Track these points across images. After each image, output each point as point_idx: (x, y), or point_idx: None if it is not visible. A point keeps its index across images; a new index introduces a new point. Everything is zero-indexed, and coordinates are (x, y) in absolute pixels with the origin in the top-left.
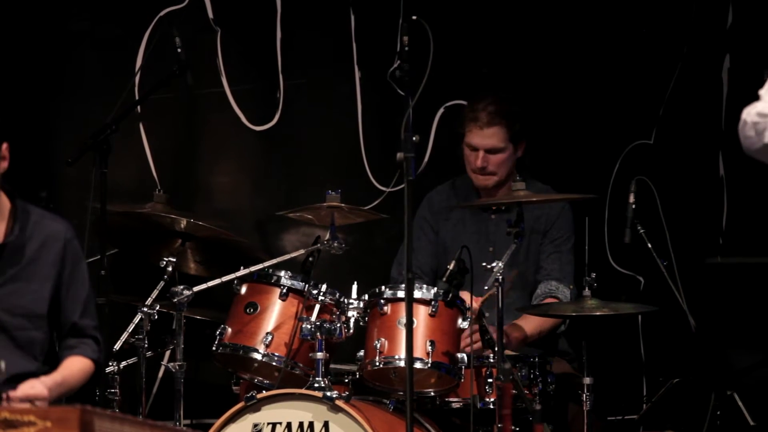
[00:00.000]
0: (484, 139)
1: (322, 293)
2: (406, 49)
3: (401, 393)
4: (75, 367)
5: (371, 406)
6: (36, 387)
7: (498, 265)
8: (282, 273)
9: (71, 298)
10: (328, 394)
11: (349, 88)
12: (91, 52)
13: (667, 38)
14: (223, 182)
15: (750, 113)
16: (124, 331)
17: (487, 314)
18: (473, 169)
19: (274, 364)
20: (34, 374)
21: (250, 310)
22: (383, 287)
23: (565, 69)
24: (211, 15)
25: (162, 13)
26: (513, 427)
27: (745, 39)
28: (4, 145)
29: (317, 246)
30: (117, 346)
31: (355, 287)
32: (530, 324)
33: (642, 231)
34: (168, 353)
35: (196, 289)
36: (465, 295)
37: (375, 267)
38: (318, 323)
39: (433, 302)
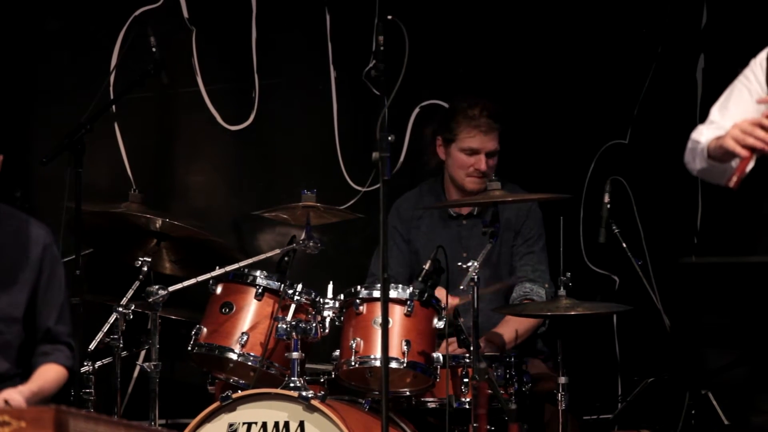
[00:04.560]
0: (487, 143)
1: (297, 293)
2: (382, 48)
3: (377, 393)
4: (50, 376)
5: (347, 406)
6: (15, 399)
7: (473, 264)
8: (257, 273)
9: (47, 304)
10: (304, 393)
11: (325, 88)
12: (65, 51)
13: (641, 38)
14: (199, 182)
15: (690, 137)
16: (99, 330)
17: (462, 319)
18: (472, 173)
19: (249, 363)
20: (7, 374)
21: (225, 310)
22: (359, 287)
23: (540, 69)
24: (186, 14)
25: (137, 13)
26: (488, 427)
27: (720, 39)
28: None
29: (293, 246)
30: (92, 346)
31: (330, 287)
32: (507, 331)
33: (617, 231)
34: (143, 353)
35: (171, 288)
36: (440, 293)
37: (350, 267)
38: (293, 323)
39: (408, 302)
